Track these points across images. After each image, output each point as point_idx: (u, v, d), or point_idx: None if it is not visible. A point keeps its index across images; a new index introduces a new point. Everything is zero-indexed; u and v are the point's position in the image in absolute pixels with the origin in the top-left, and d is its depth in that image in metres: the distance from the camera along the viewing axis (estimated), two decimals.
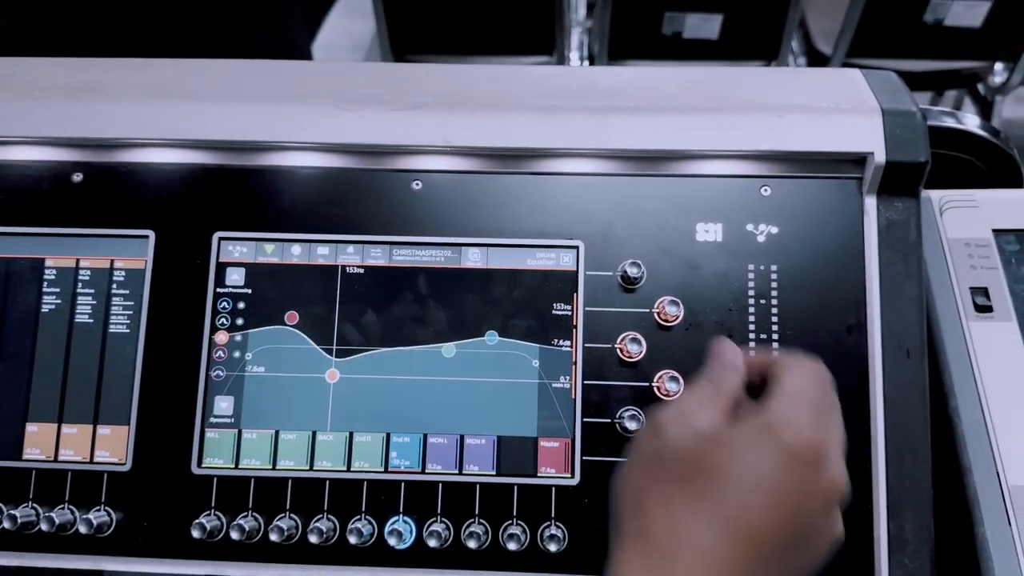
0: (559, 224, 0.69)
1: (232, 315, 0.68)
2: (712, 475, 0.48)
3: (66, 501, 0.67)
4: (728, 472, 0.47)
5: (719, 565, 0.45)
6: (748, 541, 0.46)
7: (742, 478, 0.47)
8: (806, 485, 0.47)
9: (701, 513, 0.47)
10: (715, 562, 0.45)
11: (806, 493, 0.47)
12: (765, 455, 0.47)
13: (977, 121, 0.90)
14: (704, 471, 0.48)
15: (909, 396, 0.65)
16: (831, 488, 0.48)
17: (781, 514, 0.47)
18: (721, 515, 0.46)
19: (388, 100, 0.70)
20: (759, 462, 0.47)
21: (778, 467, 0.47)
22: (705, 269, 0.68)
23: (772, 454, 0.47)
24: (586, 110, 0.70)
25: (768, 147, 0.68)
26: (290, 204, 0.70)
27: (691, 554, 0.46)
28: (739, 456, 0.48)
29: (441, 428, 0.67)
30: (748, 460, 0.47)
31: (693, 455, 0.49)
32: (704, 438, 0.49)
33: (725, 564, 0.45)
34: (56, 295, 0.70)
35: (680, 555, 0.46)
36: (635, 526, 0.49)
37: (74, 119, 0.70)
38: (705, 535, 0.46)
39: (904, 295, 0.67)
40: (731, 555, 0.46)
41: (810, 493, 0.48)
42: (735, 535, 0.46)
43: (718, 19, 2.17)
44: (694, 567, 0.45)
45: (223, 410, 0.67)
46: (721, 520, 0.46)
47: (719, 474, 0.48)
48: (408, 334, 0.68)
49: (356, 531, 0.64)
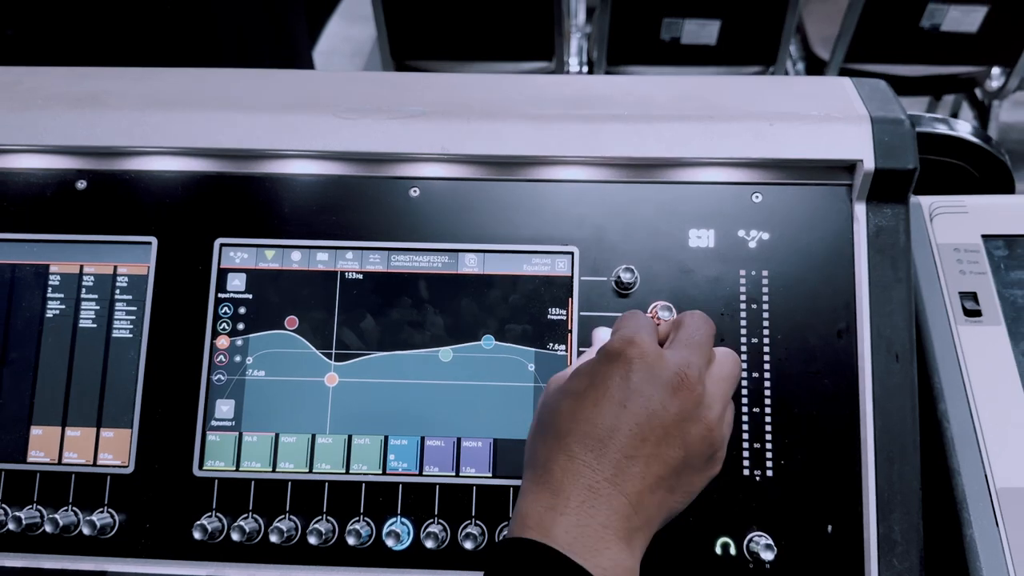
0: (554, 230, 0.71)
1: (233, 320, 0.70)
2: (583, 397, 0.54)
3: (70, 503, 0.68)
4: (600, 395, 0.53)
5: (595, 473, 0.50)
6: (619, 452, 0.51)
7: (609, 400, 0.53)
8: (671, 408, 0.52)
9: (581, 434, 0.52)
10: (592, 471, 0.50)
11: (676, 417, 0.52)
12: (641, 382, 0.53)
13: (969, 127, 0.91)
14: (583, 392, 0.54)
15: (898, 399, 0.66)
16: (704, 417, 0.53)
17: (652, 434, 0.52)
18: (594, 435, 0.52)
19: (386, 109, 0.72)
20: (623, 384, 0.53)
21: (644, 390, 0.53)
22: (697, 274, 0.69)
23: (646, 381, 0.53)
24: (581, 118, 0.71)
25: (759, 155, 0.69)
26: (290, 211, 0.71)
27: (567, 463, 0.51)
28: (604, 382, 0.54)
29: (438, 431, 0.68)
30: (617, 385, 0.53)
31: (566, 393, 0.55)
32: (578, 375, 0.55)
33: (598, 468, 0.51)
34: (60, 300, 0.71)
35: (556, 466, 0.51)
36: (531, 459, 0.55)
37: (78, 128, 0.72)
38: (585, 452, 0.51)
39: (893, 300, 0.68)
40: (602, 463, 0.51)
41: (682, 417, 0.53)
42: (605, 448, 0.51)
43: (716, 25, 2.19)
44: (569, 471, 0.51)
45: (224, 413, 0.68)
46: (595, 437, 0.52)
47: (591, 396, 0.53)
48: (406, 338, 0.69)
49: (355, 532, 0.65)
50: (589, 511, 0.49)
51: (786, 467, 0.66)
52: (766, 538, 0.64)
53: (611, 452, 0.51)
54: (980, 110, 2.59)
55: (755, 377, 0.67)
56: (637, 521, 0.50)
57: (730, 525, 0.65)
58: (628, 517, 0.50)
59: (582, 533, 0.48)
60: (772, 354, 0.68)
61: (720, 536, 0.65)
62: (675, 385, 0.53)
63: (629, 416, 0.51)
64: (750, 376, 0.67)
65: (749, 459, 0.66)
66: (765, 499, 0.65)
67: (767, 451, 0.66)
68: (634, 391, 0.52)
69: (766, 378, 0.67)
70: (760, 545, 0.64)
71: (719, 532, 0.65)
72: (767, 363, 0.67)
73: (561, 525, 0.48)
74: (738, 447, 0.66)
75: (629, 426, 0.51)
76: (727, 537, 0.65)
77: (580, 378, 0.55)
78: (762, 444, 0.66)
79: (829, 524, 0.65)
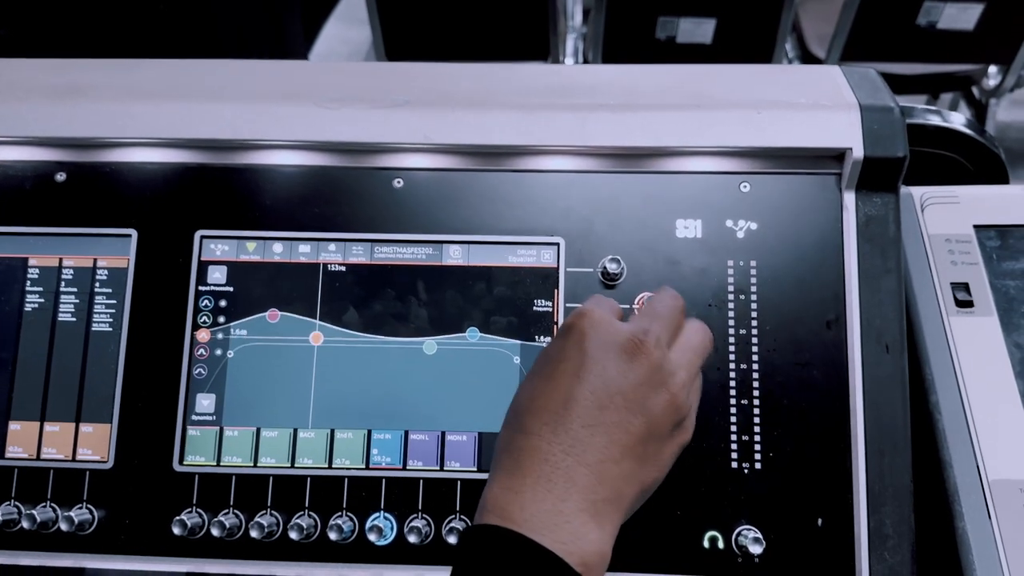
0: (540, 221, 0.70)
1: (214, 313, 0.69)
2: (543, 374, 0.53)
3: (48, 499, 0.67)
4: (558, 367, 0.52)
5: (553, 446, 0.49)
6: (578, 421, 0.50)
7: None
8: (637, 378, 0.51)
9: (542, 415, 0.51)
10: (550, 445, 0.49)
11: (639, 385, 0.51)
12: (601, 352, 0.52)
13: (963, 119, 0.90)
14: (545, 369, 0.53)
15: (889, 391, 0.65)
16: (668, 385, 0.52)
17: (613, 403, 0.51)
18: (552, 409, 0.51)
19: (369, 98, 0.71)
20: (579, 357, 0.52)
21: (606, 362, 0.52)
22: (685, 265, 0.68)
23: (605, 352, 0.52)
24: (567, 108, 0.70)
25: (747, 143, 0.68)
26: (272, 202, 0.70)
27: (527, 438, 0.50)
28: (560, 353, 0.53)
29: (422, 425, 0.67)
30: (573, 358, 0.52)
31: (526, 376, 0.54)
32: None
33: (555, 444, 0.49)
34: (39, 294, 0.70)
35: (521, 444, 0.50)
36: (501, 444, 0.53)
37: (57, 119, 0.71)
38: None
39: (883, 290, 0.67)
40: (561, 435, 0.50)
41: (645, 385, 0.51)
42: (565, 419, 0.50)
43: (712, 23, 2.18)
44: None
45: (205, 408, 0.67)
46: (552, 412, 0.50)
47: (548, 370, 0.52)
48: (390, 331, 0.68)
49: (337, 528, 0.64)
50: (546, 485, 0.48)
51: (775, 460, 0.65)
52: (755, 532, 0.63)
53: (568, 423, 0.49)
54: (977, 108, 2.58)
55: (743, 369, 0.66)
56: (603, 493, 0.49)
57: (718, 518, 0.64)
58: (591, 488, 0.48)
59: (539, 509, 0.47)
60: (760, 345, 0.67)
61: (708, 530, 0.64)
62: (630, 351, 0.52)
63: (584, 385, 0.50)
64: (738, 368, 0.66)
65: (737, 452, 0.65)
66: (754, 492, 0.64)
67: (756, 443, 0.65)
68: (588, 360, 0.51)
69: (754, 370, 0.66)
70: (749, 539, 0.62)
71: (707, 526, 0.64)
72: (755, 355, 0.66)
73: (517, 503, 0.47)
74: (726, 439, 0.65)
75: (584, 395, 0.50)
76: (715, 531, 0.64)
77: (539, 358, 0.54)
78: (751, 436, 0.65)
79: (819, 517, 0.64)
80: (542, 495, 0.47)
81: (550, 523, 0.46)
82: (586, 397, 0.50)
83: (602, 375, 0.51)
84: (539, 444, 0.49)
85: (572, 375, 0.51)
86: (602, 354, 0.51)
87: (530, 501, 0.47)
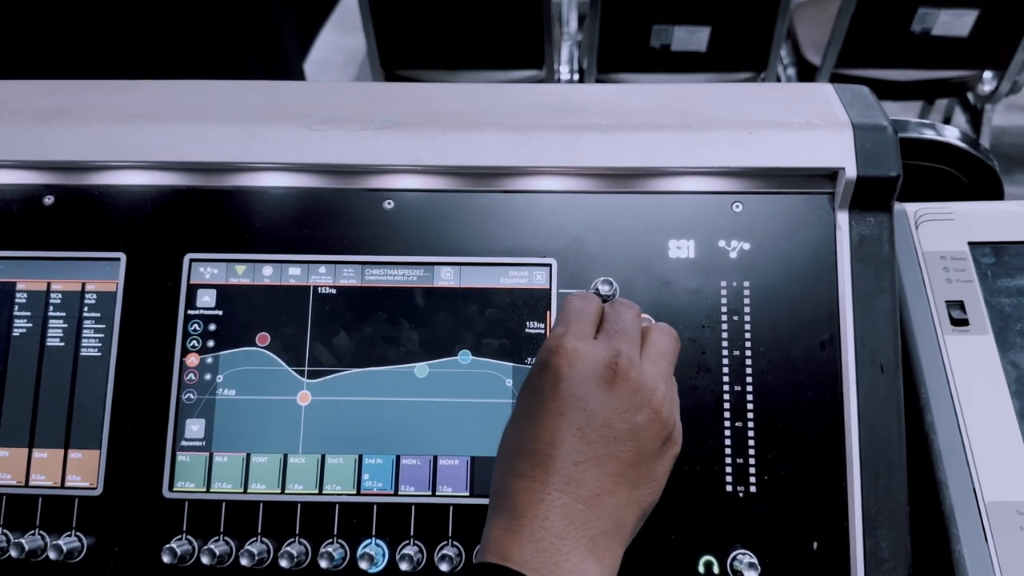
0: (532, 242, 0.69)
1: (203, 337, 0.68)
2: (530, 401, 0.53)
3: (37, 526, 0.66)
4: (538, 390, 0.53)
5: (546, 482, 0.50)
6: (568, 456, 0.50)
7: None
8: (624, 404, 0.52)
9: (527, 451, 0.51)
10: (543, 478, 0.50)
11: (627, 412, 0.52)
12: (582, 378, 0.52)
13: (957, 132, 0.90)
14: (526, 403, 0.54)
15: (884, 412, 0.65)
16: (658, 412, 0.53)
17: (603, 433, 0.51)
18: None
19: (359, 119, 0.70)
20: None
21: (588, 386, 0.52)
22: (677, 286, 0.68)
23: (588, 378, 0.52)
24: (558, 128, 0.69)
25: (739, 163, 0.68)
26: (261, 225, 0.70)
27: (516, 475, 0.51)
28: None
29: (414, 449, 0.66)
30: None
31: (512, 417, 0.55)
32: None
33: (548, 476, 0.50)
34: (27, 319, 0.69)
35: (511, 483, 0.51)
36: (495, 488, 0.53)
37: (45, 142, 0.70)
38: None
39: (878, 310, 0.66)
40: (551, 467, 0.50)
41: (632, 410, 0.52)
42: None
43: (706, 32, 2.18)
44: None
45: (194, 433, 0.67)
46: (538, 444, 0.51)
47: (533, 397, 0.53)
48: (381, 354, 0.68)
49: (327, 555, 0.63)
50: (543, 524, 0.48)
51: (770, 483, 0.64)
52: (750, 556, 0.62)
53: (558, 462, 0.50)
54: (972, 114, 2.58)
55: (737, 391, 0.66)
56: (601, 526, 0.49)
57: (713, 543, 0.63)
58: (588, 523, 0.49)
59: (538, 548, 0.47)
60: (754, 367, 0.66)
61: (703, 554, 0.63)
62: (607, 379, 0.52)
63: (568, 423, 0.51)
64: (732, 389, 0.66)
65: (732, 475, 0.64)
66: (749, 516, 0.64)
67: (750, 466, 0.64)
68: (567, 397, 0.51)
69: (748, 391, 0.66)
70: (744, 563, 0.62)
71: (702, 550, 0.63)
72: (749, 376, 0.66)
73: (515, 544, 0.48)
74: (720, 462, 0.65)
75: (571, 432, 0.50)
76: (710, 555, 0.63)
77: (520, 398, 0.55)
78: (745, 459, 0.65)
79: (815, 541, 0.63)
80: (540, 534, 0.48)
81: (549, 562, 0.47)
82: (572, 434, 0.50)
83: (584, 409, 0.51)
84: (533, 485, 0.49)
85: (555, 414, 0.51)
86: (582, 389, 0.51)
87: (528, 541, 0.47)
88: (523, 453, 0.51)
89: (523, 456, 0.51)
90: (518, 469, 0.51)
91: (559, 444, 0.50)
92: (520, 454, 0.51)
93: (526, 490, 0.49)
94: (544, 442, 0.50)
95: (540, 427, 0.51)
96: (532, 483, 0.49)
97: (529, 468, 0.50)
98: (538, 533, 0.48)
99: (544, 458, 0.50)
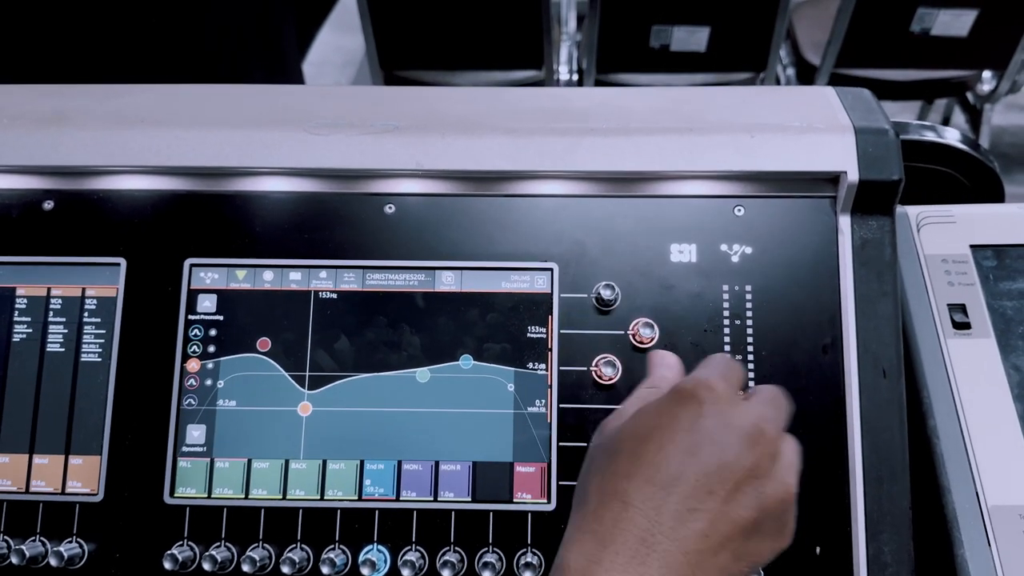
0: (533, 246, 0.69)
1: (204, 343, 0.68)
2: (637, 443, 0.49)
3: (37, 533, 0.66)
4: (653, 438, 0.48)
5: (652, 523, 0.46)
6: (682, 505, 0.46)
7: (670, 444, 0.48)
8: (753, 465, 0.47)
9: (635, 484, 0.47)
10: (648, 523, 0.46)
11: (754, 473, 0.47)
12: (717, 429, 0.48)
13: (957, 134, 0.90)
14: (635, 442, 0.49)
15: (886, 416, 0.65)
16: (782, 480, 0.49)
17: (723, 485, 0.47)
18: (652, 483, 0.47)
19: (359, 124, 0.70)
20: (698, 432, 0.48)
21: (729, 442, 0.48)
22: (679, 290, 0.68)
23: (723, 428, 0.48)
24: (559, 132, 0.69)
25: (741, 167, 0.67)
26: (261, 229, 0.69)
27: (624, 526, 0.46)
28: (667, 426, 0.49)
29: (416, 454, 0.66)
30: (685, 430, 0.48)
31: (626, 433, 0.50)
32: (632, 419, 0.51)
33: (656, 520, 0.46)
34: (27, 324, 0.69)
35: (613, 526, 0.46)
36: (581, 505, 0.50)
37: (44, 147, 0.70)
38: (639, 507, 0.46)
39: (880, 314, 0.66)
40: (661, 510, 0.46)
41: (758, 474, 0.48)
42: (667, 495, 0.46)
43: (705, 32, 2.18)
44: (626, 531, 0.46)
45: (195, 439, 0.66)
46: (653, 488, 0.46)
47: (643, 441, 0.48)
48: (382, 359, 0.67)
49: (329, 561, 0.63)
50: (639, 568, 0.44)
51: None
52: None
53: (672, 503, 0.45)
54: (972, 114, 2.58)
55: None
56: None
57: None
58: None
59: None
60: (757, 371, 0.66)
61: None
62: (752, 437, 0.48)
63: (697, 464, 0.46)
64: None
65: None
66: None
67: None
68: (705, 437, 0.47)
69: None
70: None
71: None
72: (752, 380, 0.66)
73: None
74: None
75: (696, 475, 0.46)
76: None
77: (645, 418, 0.50)
78: None
79: (817, 546, 0.63)
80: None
81: None
82: (697, 477, 0.46)
83: (719, 457, 0.47)
84: (638, 519, 0.45)
85: (686, 451, 0.47)
86: (721, 435, 0.47)
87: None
88: (637, 481, 0.47)
89: (636, 484, 0.46)
90: (626, 496, 0.46)
91: (680, 484, 0.46)
92: (632, 480, 0.47)
93: (628, 521, 0.45)
94: (665, 476, 0.46)
95: (666, 458, 0.47)
96: (638, 516, 0.45)
97: (639, 499, 0.46)
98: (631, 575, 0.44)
99: (660, 492, 0.46)
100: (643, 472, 0.47)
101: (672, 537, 0.45)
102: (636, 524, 0.45)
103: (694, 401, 0.49)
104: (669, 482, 0.46)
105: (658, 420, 0.49)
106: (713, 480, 0.46)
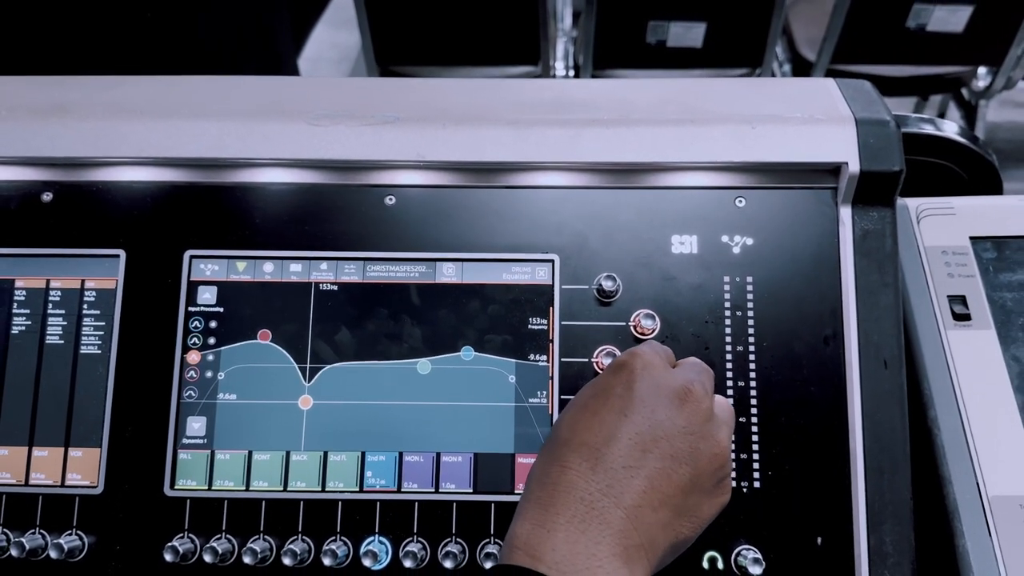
0: (534, 238, 0.69)
1: (204, 334, 0.68)
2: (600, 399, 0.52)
3: (37, 525, 0.66)
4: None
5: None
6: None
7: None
8: (695, 435, 0.51)
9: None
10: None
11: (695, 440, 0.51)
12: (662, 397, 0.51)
13: (956, 127, 0.90)
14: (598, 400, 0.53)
15: (887, 407, 0.65)
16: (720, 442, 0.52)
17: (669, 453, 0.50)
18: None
19: (360, 115, 0.70)
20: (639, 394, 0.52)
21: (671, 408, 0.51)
22: (681, 281, 0.67)
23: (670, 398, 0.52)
24: (560, 123, 0.69)
25: (742, 158, 0.67)
26: (262, 221, 0.69)
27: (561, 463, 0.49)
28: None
29: (417, 446, 0.66)
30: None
31: (568, 407, 0.54)
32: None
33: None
34: (26, 316, 0.69)
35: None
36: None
37: (43, 138, 0.69)
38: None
39: (881, 305, 0.66)
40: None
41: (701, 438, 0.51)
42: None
43: (702, 28, 2.18)
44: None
45: (195, 431, 0.66)
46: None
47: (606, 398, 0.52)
48: (383, 351, 0.67)
49: (331, 552, 0.63)
50: (580, 526, 0.46)
51: (774, 478, 0.64)
52: (754, 552, 0.62)
53: (608, 462, 0.48)
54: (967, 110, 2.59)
55: (741, 386, 0.66)
56: (636, 538, 0.47)
57: (717, 539, 0.63)
58: (625, 533, 0.46)
59: (571, 551, 0.45)
60: (758, 362, 0.66)
61: (707, 550, 0.63)
62: (681, 396, 0.51)
63: (630, 425, 0.49)
64: (735, 385, 0.66)
65: (736, 470, 0.64)
66: (753, 511, 0.64)
67: (754, 462, 0.64)
68: (637, 400, 0.50)
69: (752, 387, 0.65)
70: (748, 559, 0.62)
71: (706, 546, 0.63)
72: (753, 371, 0.66)
73: (549, 543, 0.45)
74: None
75: (629, 435, 0.49)
76: (714, 551, 0.63)
77: (585, 390, 0.54)
78: (749, 455, 0.65)
79: (819, 536, 0.63)
80: (575, 536, 0.46)
81: (582, 567, 0.45)
82: (631, 437, 0.49)
83: (650, 417, 0.50)
84: (576, 480, 0.48)
85: (618, 413, 0.50)
86: (652, 396, 0.50)
87: (563, 542, 0.45)
88: (574, 445, 0.49)
89: (573, 448, 0.49)
90: (564, 459, 0.49)
91: (614, 443, 0.48)
92: (570, 445, 0.49)
93: (567, 484, 0.47)
94: (599, 437, 0.49)
95: (599, 421, 0.50)
96: (576, 478, 0.47)
97: (576, 461, 0.48)
98: (574, 535, 0.46)
99: (595, 454, 0.48)
100: (579, 436, 0.50)
101: (610, 495, 0.47)
102: (575, 485, 0.47)
103: (625, 369, 0.52)
104: (603, 442, 0.49)
105: (594, 389, 0.53)
106: (646, 438, 0.49)
